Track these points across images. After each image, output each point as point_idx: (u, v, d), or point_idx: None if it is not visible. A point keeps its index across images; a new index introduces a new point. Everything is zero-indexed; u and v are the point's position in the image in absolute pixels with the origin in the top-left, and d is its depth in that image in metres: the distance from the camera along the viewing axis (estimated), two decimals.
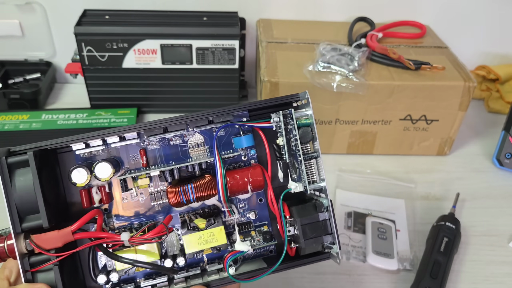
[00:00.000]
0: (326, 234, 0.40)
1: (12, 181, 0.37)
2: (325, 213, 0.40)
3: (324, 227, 0.40)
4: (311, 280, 0.57)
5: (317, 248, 0.41)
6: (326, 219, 0.40)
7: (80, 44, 0.76)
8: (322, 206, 0.40)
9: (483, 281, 0.58)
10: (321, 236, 0.40)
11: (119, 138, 0.41)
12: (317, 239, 0.40)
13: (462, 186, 0.72)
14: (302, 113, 0.40)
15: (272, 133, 0.42)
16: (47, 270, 0.37)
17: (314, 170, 0.41)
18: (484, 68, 0.93)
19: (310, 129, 0.40)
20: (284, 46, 0.78)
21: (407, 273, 0.59)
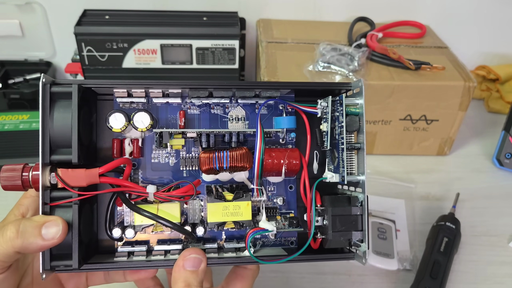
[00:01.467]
0: (356, 230, 0.38)
1: (51, 111, 0.37)
2: (358, 208, 0.39)
3: (355, 222, 0.39)
4: (311, 280, 0.57)
5: (344, 243, 0.39)
6: (359, 215, 0.39)
7: (80, 44, 0.76)
8: (357, 200, 0.39)
9: (483, 281, 0.58)
10: (351, 231, 0.38)
11: (162, 94, 0.40)
12: (346, 233, 0.38)
13: (462, 186, 0.72)
14: (352, 101, 0.39)
15: (315, 120, 0.41)
16: (65, 207, 0.37)
17: (354, 162, 0.40)
18: (484, 68, 0.93)
19: (358, 119, 0.39)
20: (284, 46, 0.78)
21: (407, 273, 0.59)
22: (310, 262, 0.39)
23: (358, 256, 0.39)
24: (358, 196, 0.39)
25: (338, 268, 0.59)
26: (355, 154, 0.40)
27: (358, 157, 0.40)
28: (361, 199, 0.39)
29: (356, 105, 0.39)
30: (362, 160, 0.39)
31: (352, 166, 0.40)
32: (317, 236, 0.40)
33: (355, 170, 0.40)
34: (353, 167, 0.40)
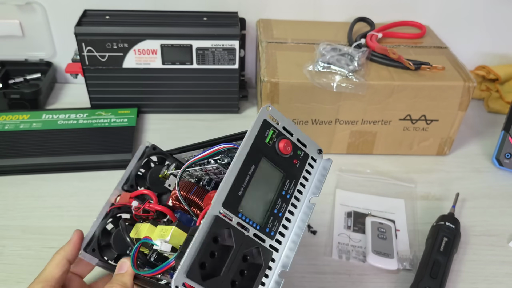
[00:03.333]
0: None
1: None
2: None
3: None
4: (311, 280, 0.57)
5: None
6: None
7: (81, 44, 0.77)
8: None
9: (482, 281, 0.58)
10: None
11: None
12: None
13: (461, 186, 0.72)
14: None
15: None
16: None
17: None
18: (483, 68, 0.93)
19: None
20: (284, 46, 0.78)
21: (406, 273, 0.59)
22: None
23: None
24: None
25: (338, 267, 0.59)
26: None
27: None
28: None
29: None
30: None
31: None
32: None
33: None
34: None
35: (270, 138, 0.39)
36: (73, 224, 0.62)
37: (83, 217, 0.64)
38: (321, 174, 0.42)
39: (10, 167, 0.70)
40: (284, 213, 0.39)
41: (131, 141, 0.75)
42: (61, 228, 0.62)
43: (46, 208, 0.65)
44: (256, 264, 0.37)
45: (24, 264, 0.57)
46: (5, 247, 0.60)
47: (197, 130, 0.83)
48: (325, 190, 0.70)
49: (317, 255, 0.60)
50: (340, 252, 0.61)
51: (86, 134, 0.77)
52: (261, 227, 0.38)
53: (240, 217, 0.36)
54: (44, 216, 0.64)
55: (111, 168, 0.72)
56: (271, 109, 0.39)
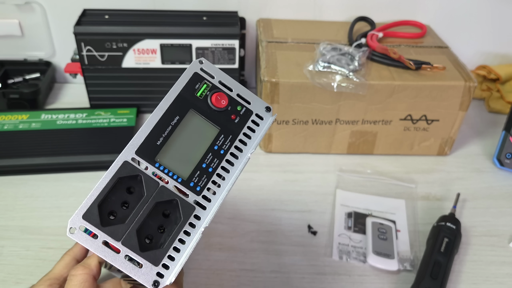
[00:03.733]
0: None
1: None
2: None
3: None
4: (311, 280, 0.57)
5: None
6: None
7: (80, 44, 0.76)
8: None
9: (483, 281, 0.58)
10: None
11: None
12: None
13: (462, 186, 0.72)
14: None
15: None
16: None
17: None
18: (484, 68, 0.93)
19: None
20: (284, 46, 0.78)
21: (407, 273, 0.59)
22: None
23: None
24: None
25: (339, 268, 0.59)
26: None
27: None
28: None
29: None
30: None
31: None
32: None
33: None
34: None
35: (202, 91, 0.38)
36: None
37: None
38: (264, 130, 0.40)
39: (9, 167, 0.70)
40: (216, 169, 0.37)
41: None
42: (60, 229, 0.62)
43: (45, 208, 0.65)
44: (177, 220, 0.35)
45: (23, 265, 0.57)
46: (4, 247, 0.59)
47: None
48: (325, 190, 0.70)
49: (317, 256, 0.60)
50: (341, 252, 0.61)
51: (85, 134, 0.76)
52: (183, 180, 0.36)
53: (157, 167, 0.35)
54: (43, 217, 0.64)
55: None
56: (204, 63, 0.38)
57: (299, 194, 0.70)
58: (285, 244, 0.62)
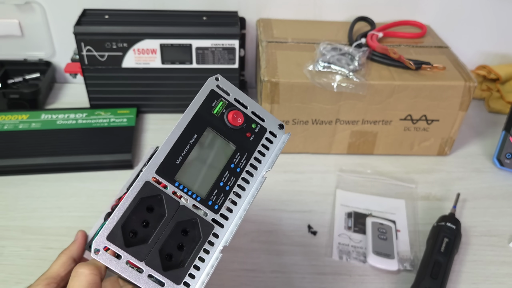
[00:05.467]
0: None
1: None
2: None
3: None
4: (311, 281, 0.57)
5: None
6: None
7: (80, 44, 0.76)
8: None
9: (483, 281, 0.58)
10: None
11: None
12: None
13: (462, 186, 0.72)
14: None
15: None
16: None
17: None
18: (484, 68, 0.93)
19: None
20: (284, 45, 0.78)
21: (407, 273, 0.59)
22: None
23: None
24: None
25: (339, 268, 0.59)
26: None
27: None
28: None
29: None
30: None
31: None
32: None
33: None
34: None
35: (218, 109, 0.38)
36: (73, 225, 0.63)
37: (83, 217, 0.64)
38: (279, 148, 0.40)
39: (10, 167, 0.70)
40: (233, 187, 0.37)
41: (131, 141, 0.75)
42: (61, 229, 0.62)
43: (46, 208, 0.65)
44: (196, 238, 0.35)
45: (23, 265, 0.57)
46: (5, 247, 0.59)
47: None
48: (326, 190, 0.71)
49: (318, 256, 0.60)
50: (341, 252, 0.61)
51: (86, 134, 0.76)
52: (202, 199, 0.36)
53: (177, 186, 0.35)
54: (44, 217, 0.64)
55: (110, 168, 0.72)
56: (220, 80, 0.38)
57: (299, 194, 0.70)
58: (286, 244, 0.62)
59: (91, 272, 0.35)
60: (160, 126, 0.83)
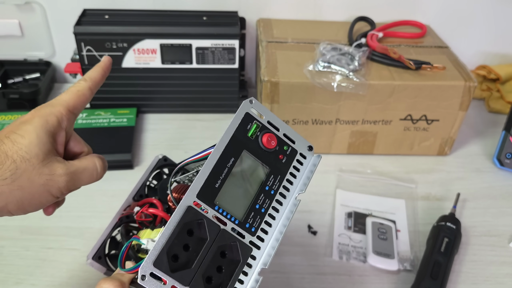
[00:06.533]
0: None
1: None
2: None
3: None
4: (311, 281, 0.57)
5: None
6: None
7: (80, 44, 0.76)
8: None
9: (483, 281, 0.58)
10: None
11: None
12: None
13: (462, 186, 0.72)
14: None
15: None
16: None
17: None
18: (484, 68, 0.93)
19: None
20: (284, 45, 0.78)
21: (407, 273, 0.59)
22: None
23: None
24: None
25: (339, 268, 0.59)
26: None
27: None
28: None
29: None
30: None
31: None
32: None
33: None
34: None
35: (253, 131, 0.38)
36: (72, 225, 0.63)
37: (82, 217, 0.64)
38: (309, 170, 0.41)
39: None
40: (268, 209, 0.38)
41: (131, 141, 0.75)
42: (60, 229, 0.62)
43: None
44: (234, 260, 0.36)
45: (22, 265, 0.57)
46: (3, 247, 0.59)
47: (197, 130, 0.83)
48: (326, 190, 0.70)
49: (318, 256, 0.60)
50: (341, 252, 0.61)
51: (85, 134, 0.75)
52: (240, 222, 0.37)
53: (217, 209, 0.36)
54: (43, 217, 0.63)
55: (110, 168, 0.71)
56: (254, 103, 0.38)
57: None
58: (285, 244, 0.62)
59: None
60: (160, 126, 0.83)
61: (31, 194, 0.36)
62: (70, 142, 0.42)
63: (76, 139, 0.43)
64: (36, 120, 0.38)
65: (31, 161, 0.36)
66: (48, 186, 0.37)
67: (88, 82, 0.43)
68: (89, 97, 0.42)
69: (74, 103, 0.41)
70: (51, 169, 0.37)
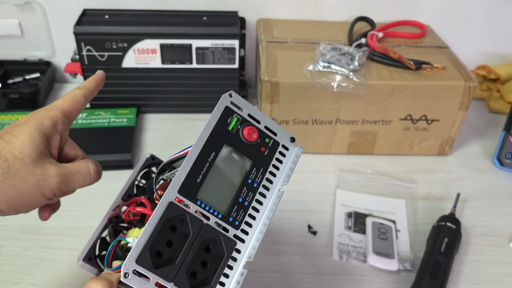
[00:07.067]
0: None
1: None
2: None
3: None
4: (311, 280, 0.57)
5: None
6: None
7: (80, 44, 0.76)
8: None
9: (483, 281, 0.58)
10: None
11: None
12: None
13: (462, 186, 0.72)
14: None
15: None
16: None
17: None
18: (484, 68, 0.93)
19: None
20: (284, 45, 0.78)
21: (407, 273, 0.59)
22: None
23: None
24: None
25: (339, 268, 0.59)
26: None
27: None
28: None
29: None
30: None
31: None
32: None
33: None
34: None
35: (233, 125, 0.38)
36: (71, 225, 0.63)
37: (82, 217, 0.64)
38: (292, 162, 0.40)
39: None
40: (251, 202, 0.38)
41: (131, 141, 0.75)
42: (59, 229, 0.62)
43: None
44: (219, 254, 0.36)
45: (22, 265, 0.57)
46: (3, 247, 0.59)
47: (197, 130, 0.82)
48: (326, 190, 0.70)
49: (318, 256, 0.60)
50: (341, 252, 0.61)
51: (86, 134, 0.76)
52: (223, 216, 0.36)
53: (199, 204, 0.35)
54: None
55: (110, 168, 0.72)
56: (234, 96, 0.38)
57: (299, 194, 0.70)
58: (285, 244, 0.62)
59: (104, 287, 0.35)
60: (160, 126, 0.83)
61: (23, 193, 0.37)
62: (65, 147, 0.43)
63: (71, 144, 0.44)
64: (31, 122, 0.39)
65: (23, 160, 0.37)
66: (40, 186, 0.37)
67: (82, 90, 0.44)
68: (83, 103, 0.43)
69: (69, 108, 0.42)
70: (44, 169, 0.38)
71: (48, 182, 0.38)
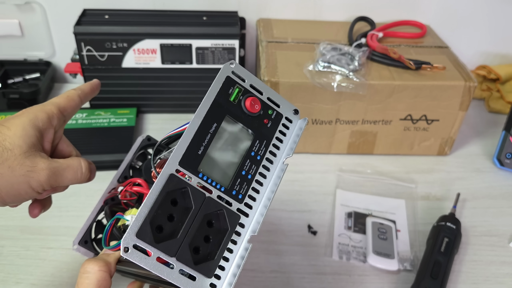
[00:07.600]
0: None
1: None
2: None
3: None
4: (311, 280, 0.57)
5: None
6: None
7: (80, 44, 0.76)
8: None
9: (483, 281, 0.58)
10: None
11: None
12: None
13: (462, 186, 0.72)
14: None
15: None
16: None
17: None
18: (484, 68, 0.93)
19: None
20: (284, 45, 0.78)
21: (407, 273, 0.59)
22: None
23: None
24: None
25: (339, 268, 0.59)
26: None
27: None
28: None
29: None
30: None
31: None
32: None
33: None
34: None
35: (235, 96, 0.37)
36: (72, 224, 0.62)
37: (83, 217, 0.64)
38: (296, 134, 0.39)
39: None
40: (254, 175, 0.37)
41: (131, 141, 0.75)
42: (60, 228, 0.62)
43: None
44: (222, 229, 0.35)
45: (22, 265, 0.57)
46: (4, 247, 0.59)
47: None
48: (326, 190, 0.70)
49: (318, 256, 0.60)
50: (341, 252, 0.61)
51: (86, 134, 0.76)
52: (226, 189, 0.35)
53: (201, 177, 0.34)
54: (43, 216, 0.63)
55: (110, 168, 0.72)
56: (234, 66, 0.37)
57: (299, 194, 0.70)
58: (285, 244, 0.62)
59: (100, 268, 0.35)
60: (160, 126, 0.83)
61: (11, 183, 0.37)
62: (59, 145, 0.44)
63: (66, 142, 0.45)
64: (25, 115, 0.39)
65: (13, 151, 0.37)
66: (28, 178, 0.38)
67: (77, 91, 0.44)
68: (78, 103, 0.44)
69: (65, 105, 0.43)
70: (33, 162, 0.38)
71: (36, 175, 0.38)
